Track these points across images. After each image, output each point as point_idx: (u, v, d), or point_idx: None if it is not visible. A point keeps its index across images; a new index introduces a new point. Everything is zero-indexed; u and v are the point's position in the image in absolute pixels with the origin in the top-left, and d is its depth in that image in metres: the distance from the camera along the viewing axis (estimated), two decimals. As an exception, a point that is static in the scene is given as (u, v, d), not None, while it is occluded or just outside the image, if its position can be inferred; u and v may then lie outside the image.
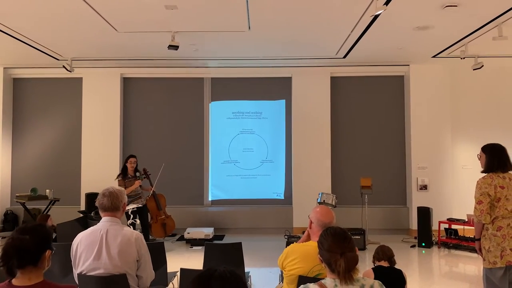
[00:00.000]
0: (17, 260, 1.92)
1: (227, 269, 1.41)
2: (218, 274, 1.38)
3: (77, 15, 5.65)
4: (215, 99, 8.87)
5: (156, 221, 7.33)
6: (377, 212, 8.34)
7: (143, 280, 2.91)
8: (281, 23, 6.02)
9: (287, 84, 8.78)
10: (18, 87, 8.83)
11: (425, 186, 8.25)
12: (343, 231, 2.02)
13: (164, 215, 7.46)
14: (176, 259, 6.44)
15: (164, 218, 7.44)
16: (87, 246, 2.77)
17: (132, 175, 6.76)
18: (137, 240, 2.82)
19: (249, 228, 8.50)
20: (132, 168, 6.76)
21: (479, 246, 3.60)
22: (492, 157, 3.54)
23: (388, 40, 6.88)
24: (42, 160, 8.70)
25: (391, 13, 5.51)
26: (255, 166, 8.77)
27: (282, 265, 2.74)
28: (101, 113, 8.58)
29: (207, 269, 1.42)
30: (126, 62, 8.33)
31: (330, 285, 1.90)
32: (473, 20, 5.84)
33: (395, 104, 8.76)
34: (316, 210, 2.79)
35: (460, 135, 8.49)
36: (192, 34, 6.48)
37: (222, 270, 1.41)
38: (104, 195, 2.83)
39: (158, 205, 7.40)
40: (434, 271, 6.23)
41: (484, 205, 3.46)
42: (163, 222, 7.40)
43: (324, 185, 8.30)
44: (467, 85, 8.55)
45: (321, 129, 8.55)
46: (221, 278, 1.37)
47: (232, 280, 1.38)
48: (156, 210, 7.36)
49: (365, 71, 8.63)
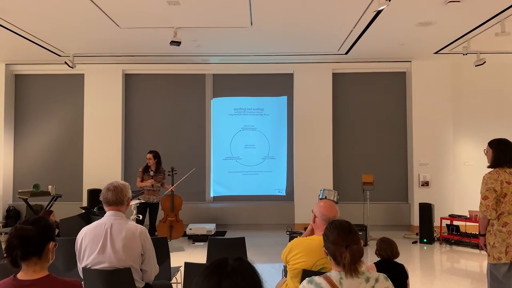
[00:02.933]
0: (21, 250, 1.92)
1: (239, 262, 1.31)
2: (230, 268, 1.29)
3: (80, 11, 5.65)
4: (217, 96, 8.87)
5: (165, 221, 7.18)
6: (378, 208, 8.34)
7: (148, 274, 2.92)
8: (283, 19, 6.01)
9: (289, 81, 8.77)
10: (20, 84, 8.84)
11: (426, 182, 8.25)
12: (348, 224, 2.03)
13: (174, 217, 7.25)
14: (178, 255, 6.46)
15: (174, 221, 7.22)
16: (92, 240, 2.78)
17: (153, 170, 6.77)
18: (142, 234, 2.83)
19: (251, 224, 8.52)
20: (151, 163, 6.78)
21: (484, 242, 3.58)
22: (499, 152, 3.50)
23: (390, 36, 6.87)
24: (44, 156, 8.71)
25: (394, 9, 5.50)
26: (256, 163, 8.78)
27: (286, 259, 2.74)
28: (103, 109, 8.58)
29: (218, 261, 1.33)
30: (128, 59, 8.32)
31: (335, 278, 1.91)
32: (475, 16, 5.82)
33: (397, 100, 8.75)
34: (320, 204, 2.80)
35: (462, 131, 8.49)
36: (194, 30, 6.47)
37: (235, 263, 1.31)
38: (108, 189, 2.84)
39: (172, 206, 7.23)
40: (436, 267, 6.24)
41: (490, 201, 3.43)
42: (171, 224, 7.19)
43: (326, 182, 8.30)
44: (469, 81, 8.54)
45: (323, 126, 8.54)
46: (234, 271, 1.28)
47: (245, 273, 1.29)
48: (169, 210, 7.21)
49: (367, 67, 8.61)
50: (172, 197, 7.23)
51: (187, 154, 8.76)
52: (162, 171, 6.94)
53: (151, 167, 6.79)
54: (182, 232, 7.28)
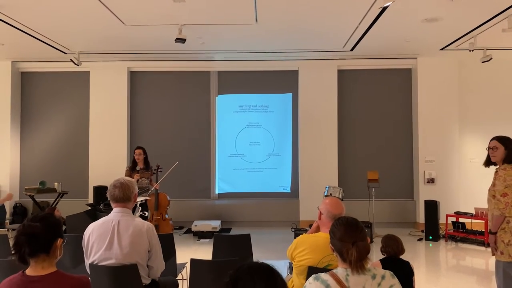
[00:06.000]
0: (29, 247, 1.93)
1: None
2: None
3: (85, 8, 5.66)
4: (222, 93, 8.87)
5: (151, 220, 6.89)
6: (384, 206, 8.32)
7: (154, 270, 2.94)
8: (288, 15, 5.99)
9: (294, 77, 8.75)
10: (26, 81, 8.88)
11: (432, 179, 8.22)
12: (355, 221, 2.03)
13: (160, 216, 7.04)
14: (184, 251, 6.47)
15: (159, 220, 7.00)
16: (99, 236, 2.80)
17: (142, 167, 6.76)
18: (148, 230, 2.84)
19: (256, 221, 8.52)
20: (139, 159, 6.77)
21: (495, 240, 3.50)
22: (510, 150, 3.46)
23: (396, 33, 6.83)
24: (51, 154, 8.77)
25: (400, 5, 5.46)
26: (261, 160, 8.78)
27: (292, 256, 2.74)
28: (108, 107, 8.62)
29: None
30: (133, 56, 8.34)
31: (342, 275, 1.91)
32: (482, 12, 5.77)
33: (402, 97, 8.71)
34: (326, 201, 2.79)
35: (468, 128, 8.44)
36: (199, 27, 6.47)
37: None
38: (115, 186, 2.85)
39: (156, 204, 7.02)
40: (441, 264, 6.22)
41: (509, 198, 3.38)
42: (157, 223, 6.89)
43: (331, 179, 8.29)
44: (475, 78, 8.48)
45: (328, 123, 8.52)
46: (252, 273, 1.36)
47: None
48: (152, 208, 7.01)
49: (373, 64, 8.57)
50: (157, 196, 7.03)
51: (192, 151, 8.78)
52: (150, 168, 6.91)
53: (139, 163, 6.78)
54: (170, 230, 6.98)
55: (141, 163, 6.79)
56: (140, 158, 6.80)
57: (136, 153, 6.81)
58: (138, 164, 6.77)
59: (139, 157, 6.79)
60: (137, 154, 6.79)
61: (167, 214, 7.28)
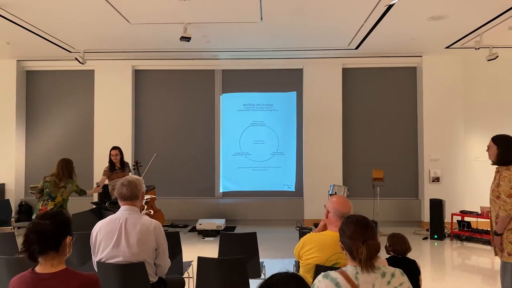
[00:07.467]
0: (39, 245, 1.94)
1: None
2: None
3: (90, 7, 5.67)
4: (226, 91, 8.87)
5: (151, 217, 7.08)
6: (389, 204, 8.31)
7: (161, 268, 2.94)
8: (293, 13, 5.98)
9: (299, 76, 8.74)
10: (31, 80, 8.91)
11: (437, 178, 8.19)
12: (365, 219, 2.02)
13: (151, 209, 7.08)
14: (189, 250, 6.49)
15: (148, 214, 7.03)
16: (107, 234, 2.81)
17: (119, 166, 6.86)
18: (156, 229, 2.85)
19: (260, 220, 8.52)
20: (116, 160, 6.87)
21: (500, 241, 3.46)
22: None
23: (402, 31, 6.81)
24: (56, 152, 8.77)
25: (406, 3, 5.44)
26: (266, 158, 8.78)
27: (299, 254, 2.73)
28: (113, 105, 8.63)
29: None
30: (138, 54, 8.35)
31: (351, 273, 1.91)
32: (488, 10, 5.74)
33: (407, 96, 8.69)
34: (333, 199, 2.77)
35: (473, 126, 8.39)
36: (204, 25, 6.47)
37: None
38: (123, 185, 2.86)
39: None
40: (447, 263, 6.21)
41: None
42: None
43: (336, 177, 8.28)
44: (480, 76, 8.44)
45: (333, 121, 8.51)
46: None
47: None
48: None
49: (378, 62, 8.55)
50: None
51: (196, 150, 8.79)
52: (127, 165, 7.04)
53: (116, 163, 6.85)
54: (162, 221, 7.16)
55: (118, 163, 6.89)
56: (117, 158, 6.90)
57: (112, 154, 6.90)
58: (116, 164, 6.86)
59: (116, 157, 6.88)
60: (113, 155, 6.89)
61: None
